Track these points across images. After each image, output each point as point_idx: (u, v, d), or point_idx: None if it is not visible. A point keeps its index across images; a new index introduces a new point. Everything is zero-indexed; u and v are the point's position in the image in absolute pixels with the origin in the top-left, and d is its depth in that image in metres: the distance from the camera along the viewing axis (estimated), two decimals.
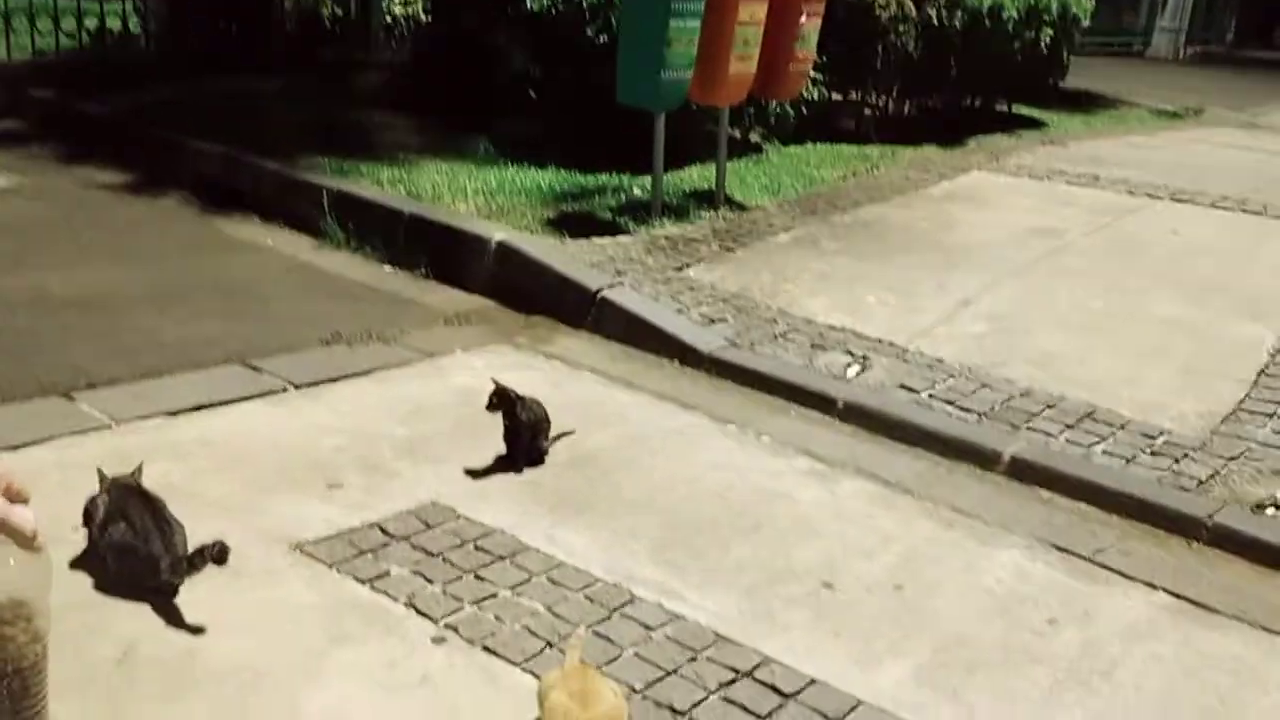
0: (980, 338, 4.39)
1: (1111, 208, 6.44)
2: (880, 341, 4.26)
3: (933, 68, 8.01)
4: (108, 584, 2.45)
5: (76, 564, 2.51)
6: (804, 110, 7.12)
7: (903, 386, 3.91)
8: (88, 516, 2.50)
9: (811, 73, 6.33)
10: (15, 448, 3.02)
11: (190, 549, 2.41)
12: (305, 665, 2.28)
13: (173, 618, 2.36)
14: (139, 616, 2.36)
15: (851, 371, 4.02)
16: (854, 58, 7.34)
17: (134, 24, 8.25)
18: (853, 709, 2.31)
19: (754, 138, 7.07)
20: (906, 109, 8.55)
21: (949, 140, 8.03)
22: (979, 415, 3.74)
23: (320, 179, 5.59)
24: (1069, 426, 3.69)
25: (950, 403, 3.81)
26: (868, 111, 8.20)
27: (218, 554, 2.34)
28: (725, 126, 5.79)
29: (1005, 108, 9.42)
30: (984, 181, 6.98)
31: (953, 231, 5.76)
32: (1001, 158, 7.71)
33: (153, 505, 2.47)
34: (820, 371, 4.01)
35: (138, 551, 2.40)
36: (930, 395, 3.85)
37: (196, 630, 2.33)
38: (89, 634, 2.30)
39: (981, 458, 3.52)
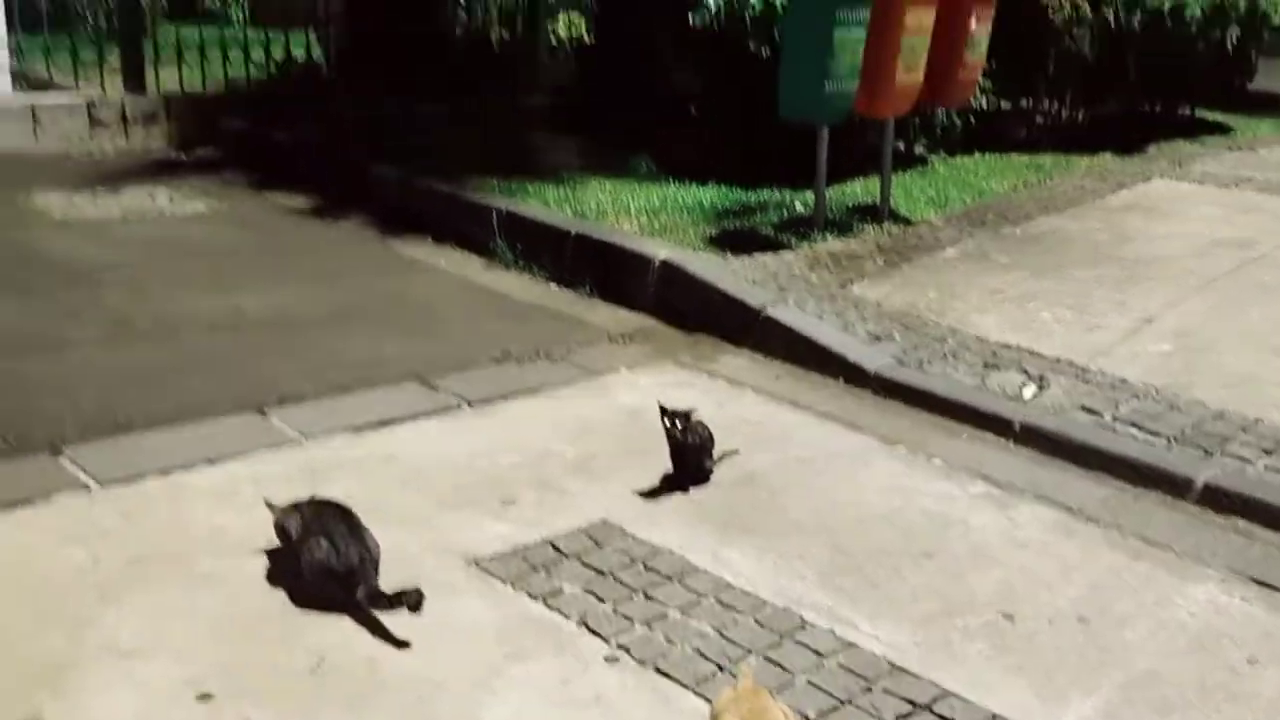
0: (1167, 357, 4.17)
1: None
2: (1058, 361, 4.09)
3: (1109, 71, 7.68)
4: (300, 596, 2.58)
5: (272, 576, 2.65)
6: (971, 119, 6.94)
7: (1084, 408, 3.75)
8: (283, 531, 2.63)
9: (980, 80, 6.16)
10: (213, 461, 3.21)
11: (381, 579, 2.51)
12: (482, 679, 2.34)
13: (364, 630, 2.47)
14: (329, 627, 2.48)
15: (1028, 392, 3.88)
16: (1025, 63, 7.10)
17: (317, 54, 8.69)
18: None
19: (919, 149, 6.92)
20: (1080, 115, 8.22)
21: (1127, 147, 7.68)
22: (1168, 439, 3.55)
23: (489, 200, 5.76)
24: (1267, 452, 3.47)
25: (1136, 426, 3.63)
26: (1039, 119, 7.92)
27: (414, 603, 2.44)
28: (890, 138, 5.69)
29: (1188, 112, 8.95)
30: (1166, 190, 6.64)
31: (1133, 244, 5.50)
32: (1185, 165, 7.33)
33: (353, 525, 2.58)
34: (994, 392, 3.89)
35: (336, 573, 2.51)
36: (1114, 418, 3.68)
37: (395, 643, 2.42)
38: (284, 644, 2.42)
39: (1172, 485, 3.35)
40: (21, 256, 5.24)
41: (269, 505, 2.68)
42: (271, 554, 2.71)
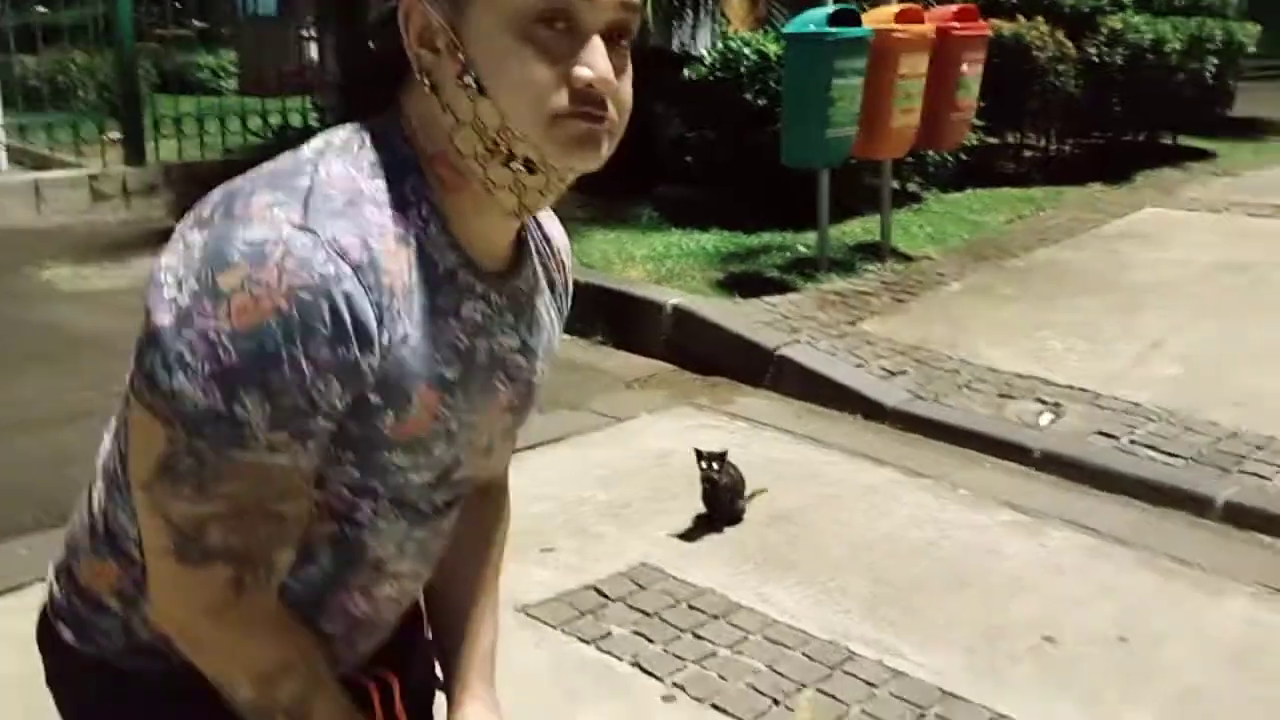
0: (1176, 380, 4.26)
1: None
2: (1071, 388, 4.17)
3: (1094, 105, 7.87)
4: None
5: None
6: (962, 156, 7.08)
7: (1101, 433, 3.83)
8: None
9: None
10: None
11: None
12: None
13: None
14: None
15: (1044, 420, 3.96)
16: (1011, 100, 7.27)
17: (312, 119, 8.82)
18: None
19: (912, 187, 7.06)
20: (1068, 148, 8.40)
21: (1115, 178, 7.85)
22: (1186, 460, 3.62)
23: None
24: None
25: (1153, 448, 3.71)
26: (1028, 153, 8.08)
27: None
28: (888, 179, 5.81)
29: (1171, 141, 9.15)
30: (1158, 218, 6.78)
31: (1132, 271, 5.62)
32: (1173, 192, 7.49)
33: None
34: (1012, 421, 3.97)
35: None
36: (1131, 441, 3.76)
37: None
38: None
39: (1194, 504, 3.42)
40: (37, 329, 5.28)
41: None
42: None
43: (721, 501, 3.33)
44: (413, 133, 0.94)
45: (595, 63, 0.90)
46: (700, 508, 3.34)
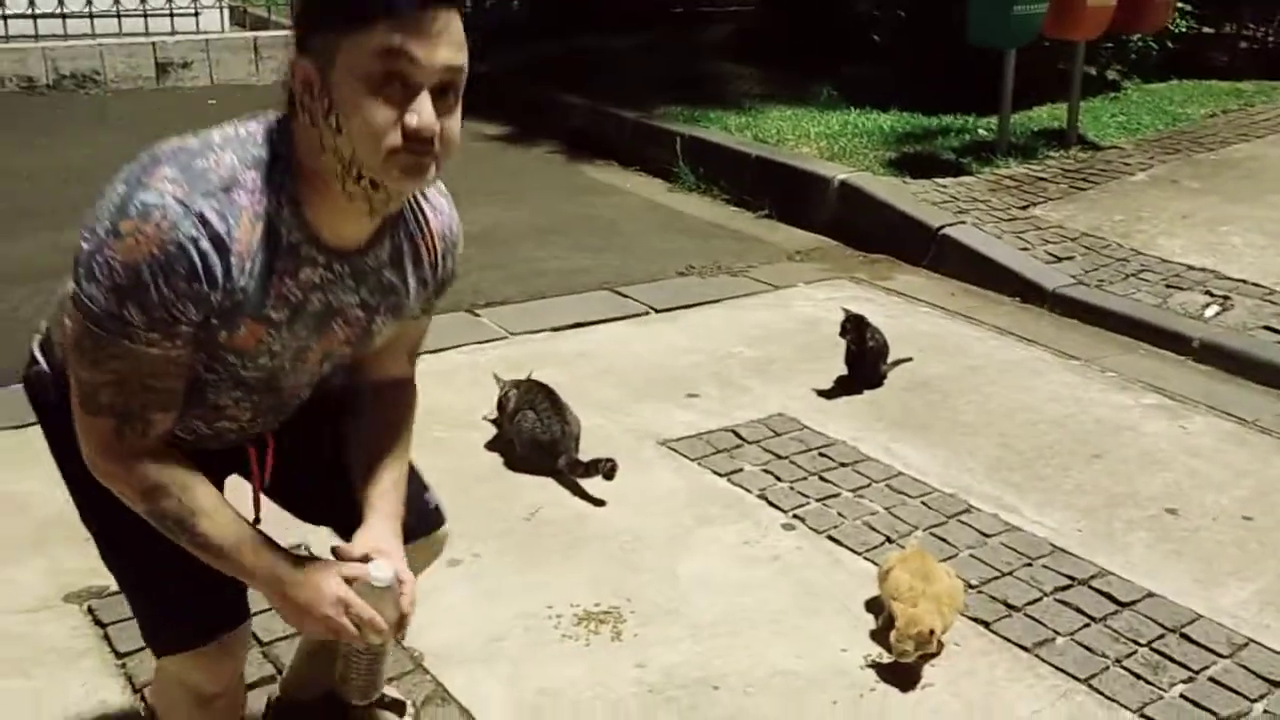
0: None
1: None
2: (1244, 282, 4.06)
3: None
4: (514, 462, 2.92)
5: (489, 444, 3.01)
6: (1168, 44, 6.71)
7: (1267, 329, 3.74)
8: (502, 403, 2.98)
9: (1178, 3, 5.98)
10: (435, 351, 3.59)
11: (583, 452, 2.84)
12: (676, 536, 2.64)
13: (568, 491, 2.80)
14: (541, 488, 2.81)
15: (1210, 312, 3.88)
16: None
17: None
18: (1191, 622, 2.36)
19: (1111, 75, 6.76)
20: None
21: None
22: None
23: (673, 126, 5.98)
24: None
25: None
26: (1243, 44, 7.56)
27: (608, 471, 2.74)
28: (1080, 62, 5.61)
29: None
30: None
31: None
32: None
33: (556, 403, 2.91)
34: (1174, 311, 3.91)
35: (541, 442, 2.84)
36: None
37: (594, 502, 2.76)
38: (502, 499, 2.77)
39: None
40: None
41: (496, 378, 3.06)
42: (486, 428, 3.06)
43: (866, 364, 3.46)
44: (296, 144, 1.30)
45: (422, 111, 1.24)
46: (843, 370, 3.49)
